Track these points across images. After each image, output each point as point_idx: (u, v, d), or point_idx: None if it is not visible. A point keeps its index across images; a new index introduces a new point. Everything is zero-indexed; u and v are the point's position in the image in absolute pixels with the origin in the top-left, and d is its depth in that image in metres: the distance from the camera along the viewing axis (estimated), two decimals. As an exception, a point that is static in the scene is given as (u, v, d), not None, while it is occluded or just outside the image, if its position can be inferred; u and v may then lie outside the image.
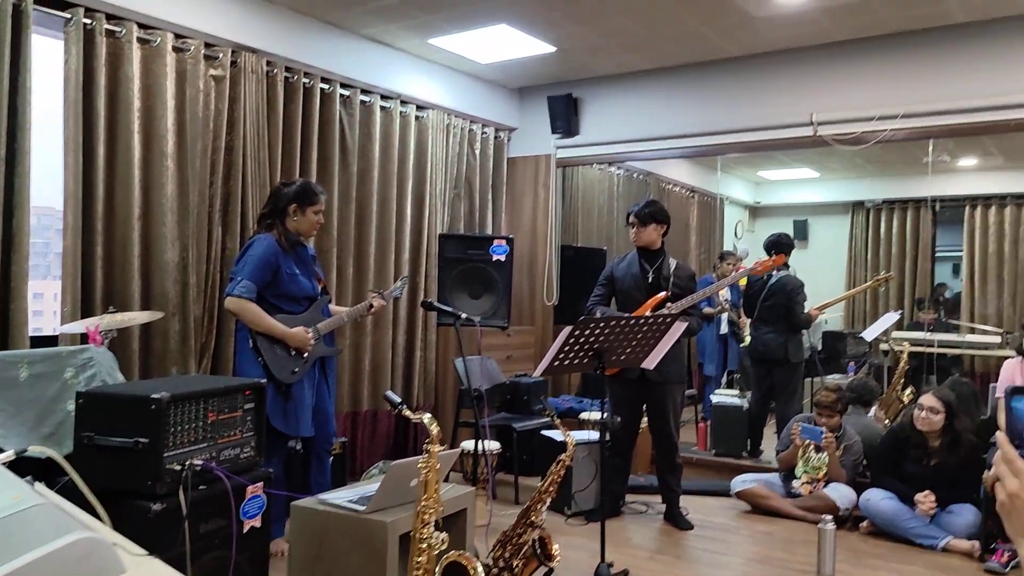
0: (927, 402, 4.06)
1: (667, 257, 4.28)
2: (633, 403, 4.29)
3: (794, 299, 5.23)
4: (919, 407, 4.08)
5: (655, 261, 4.25)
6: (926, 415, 4.04)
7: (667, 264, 4.25)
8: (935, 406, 4.03)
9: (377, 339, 5.25)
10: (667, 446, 4.28)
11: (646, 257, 4.26)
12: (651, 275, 4.22)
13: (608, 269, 4.41)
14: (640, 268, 4.25)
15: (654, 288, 4.18)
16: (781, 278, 5.35)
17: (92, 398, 2.38)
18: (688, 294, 4.14)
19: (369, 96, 5.19)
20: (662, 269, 4.23)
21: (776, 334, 5.28)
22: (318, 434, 3.78)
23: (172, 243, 4.09)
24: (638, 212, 4.24)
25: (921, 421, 4.05)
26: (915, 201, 6.57)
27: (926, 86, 4.76)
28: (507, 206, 6.43)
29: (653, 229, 4.22)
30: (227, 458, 2.55)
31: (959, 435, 4.02)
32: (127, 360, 3.88)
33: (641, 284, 4.22)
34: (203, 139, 4.26)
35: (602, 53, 5.40)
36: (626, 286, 4.25)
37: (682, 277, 4.23)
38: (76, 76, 3.73)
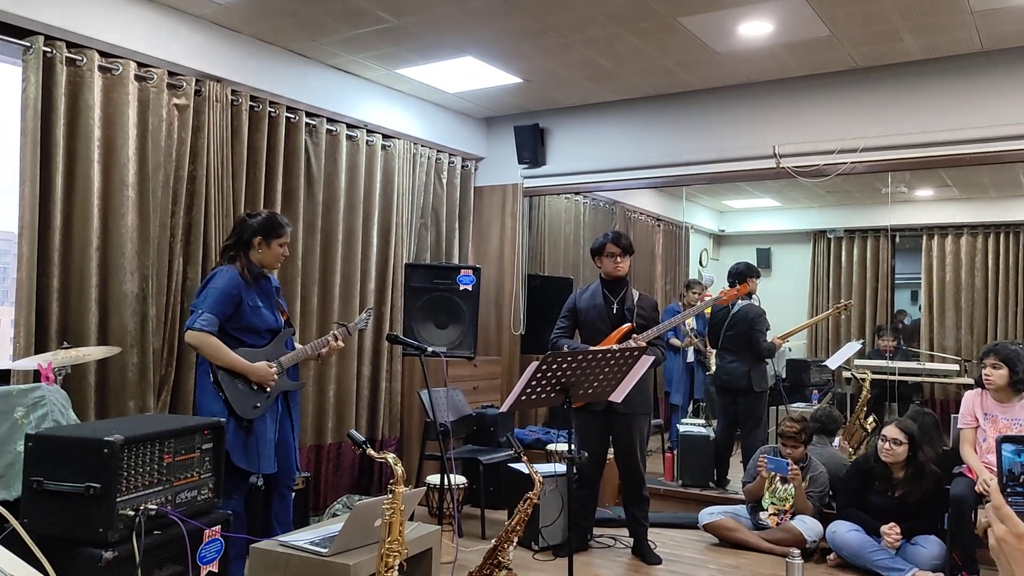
0: (890, 433, 4.10)
1: (630, 287, 4.28)
2: (599, 435, 4.26)
3: (756, 328, 5.31)
4: (882, 439, 4.12)
5: (619, 292, 4.24)
6: (889, 447, 4.07)
7: (631, 295, 4.25)
8: (898, 437, 4.07)
9: (342, 370, 5.18)
10: (634, 478, 4.25)
11: (610, 288, 4.25)
12: (615, 306, 4.22)
13: (571, 300, 4.38)
14: (604, 299, 4.24)
15: (618, 319, 4.18)
16: (743, 307, 5.43)
17: (42, 440, 2.30)
18: (652, 324, 4.14)
19: (335, 125, 5.16)
20: (626, 300, 4.22)
21: (739, 363, 5.35)
22: (281, 470, 3.69)
23: (131, 274, 4.00)
24: (621, 243, 4.19)
25: (885, 452, 4.08)
26: (875, 230, 6.68)
27: (884, 121, 4.87)
28: (474, 235, 6.42)
29: (629, 260, 4.23)
30: (184, 501, 2.47)
31: (923, 466, 4.06)
32: (82, 394, 3.78)
33: (605, 315, 4.21)
34: (165, 168, 4.19)
35: (568, 85, 5.45)
36: (590, 318, 4.24)
37: (646, 308, 4.24)
38: (34, 104, 3.65)
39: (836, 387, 6.64)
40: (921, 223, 6.49)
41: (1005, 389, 3.91)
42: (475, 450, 5.08)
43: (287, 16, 4.29)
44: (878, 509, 4.11)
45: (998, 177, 5.64)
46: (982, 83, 4.63)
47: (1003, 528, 1.20)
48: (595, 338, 4.18)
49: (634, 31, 4.40)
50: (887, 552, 4.00)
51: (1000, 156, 4.60)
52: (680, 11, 4.11)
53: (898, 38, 4.41)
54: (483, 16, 4.22)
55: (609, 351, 3.48)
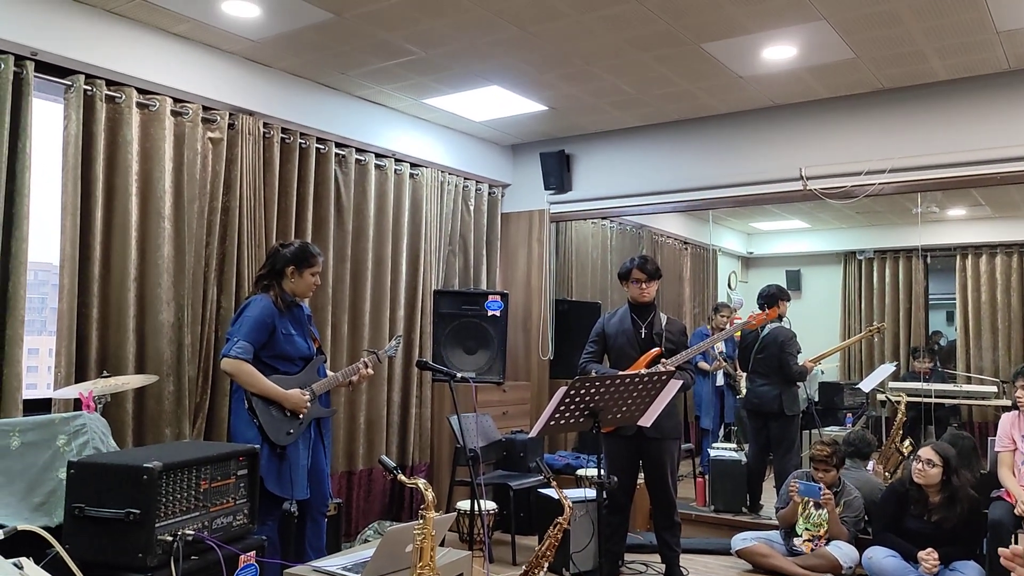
0: (925, 455, 4.04)
1: (658, 312, 4.26)
2: (629, 460, 4.23)
3: (787, 351, 5.26)
4: (916, 459, 4.06)
5: (647, 316, 4.23)
6: (923, 467, 4.02)
7: (659, 319, 4.23)
8: (932, 459, 4.01)
9: (372, 396, 5.23)
10: (665, 503, 4.21)
11: (638, 312, 4.24)
12: (644, 330, 4.21)
13: (599, 325, 4.37)
14: (632, 324, 4.22)
15: (647, 344, 4.17)
16: (773, 330, 5.38)
17: (83, 468, 2.36)
18: (681, 348, 4.12)
19: (364, 155, 5.26)
20: (654, 324, 4.21)
21: (771, 386, 5.30)
22: (314, 496, 3.73)
23: (167, 304, 4.10)
24: (647, 268, 4.17)
25: (917, 473, 4.03)
26: (906, 251, 6.61)
27: (912, 142, 4.85)
28: (501, 261, 6.47)
29: (655, 285, 4.21)
30: (220, 527, 2.51)
31: (956, 490, 3.99)
32: (121, 422, 3.86)
33: (634, 340, 4.19)
34: (200, 200, 4.30)
35: (593, 111, 5.50)
36: (619, 343, 4.23)
37: (674, 332, 4.22)
38: (75, 141, 3.78)
39: (871, 410, 6.55)
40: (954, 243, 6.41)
41: (1041, 410, 3.84)
42: (505, 475, 5.08)
43: (317, 50, 4.40)
44: (914, 534, 4.04)
45: (1032, 196, 5.57)
46: (1011, 102, 4.59)
47: None
48: (624, 363, 4.17)
49: (658, 58, 4.44)
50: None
51: (1031, 175, 4.56)
52: (703, 37, 4.15)
53: (924, 59, 4.41)
54: (507, 46, 4.30)
55: (637, 375, 3.48)
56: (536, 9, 3.83)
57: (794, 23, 3.94)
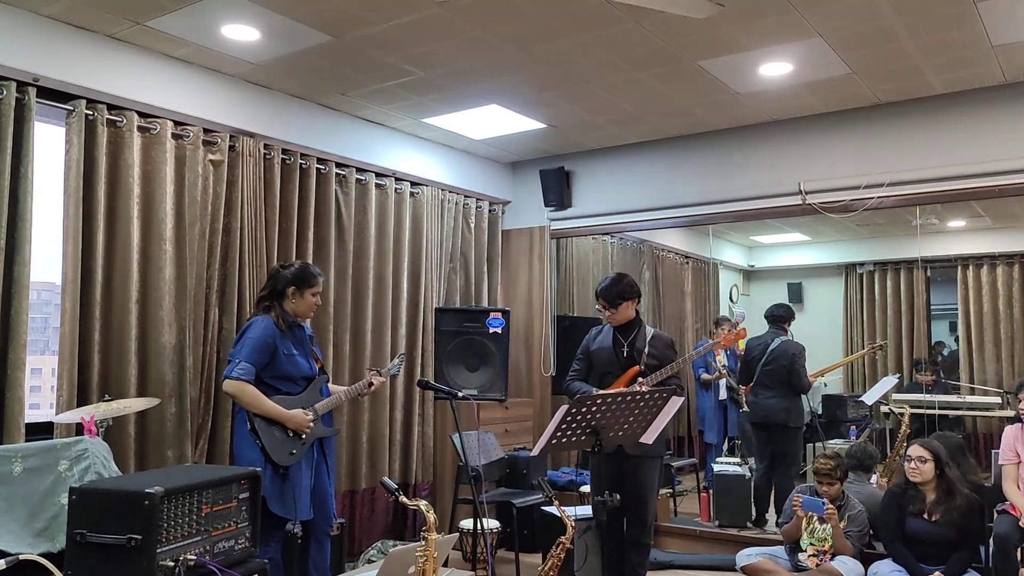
0: (915, 453, 4.07)
1: (643, 327, 4.17)
2: (612, 477, 4.08)
3: (797, 363, 5.32)
4: (907, 459, 4.08)
5: (630, 333, 4.15)
6: (915, 465, 4.04)
7: (643, 335, 4.14)
8: (923, 455, 4.04)
9: (375, 416, 5.23)
10: (638, 522, 4.06)
11: (620, 329, 4.16)
12: (625, 348, 4.14)
13: (585, 342, 4.29)
14: (615, 341, 4.15)
15: (629, 361, 4.09)
16: (783, 342, 5.43)
17: (85, 494, 2.36)
18: (666, 363, 4.08)
19: (364, 175, 5.29)
20: (636, 341, 4.13)
21: (777, 399, 5.33)
22: (317, 516, 3.73)
23: (169, 326, 4.11)
24: (606, 295, 4.07)
25: (912, 472, 4.04)
26: (907, 262, 6.61)
27: (910, 155, 4.87)
28: (502, 278, 6.48)
29: (626, 306, 4.10)
30: (221, 551, 2.51)
31: (952, 483, 4.01)
32: (123, 444, 3.87)
33: (615, 358, 4.12)
34: (201, 222, 4.32)
35: (592, 128, 5.53)
36: (602, 359, 4.15)
37: (658, 347, 4.12)
38: (77, 165, 3.81)
39: (874, 422, 6.53)
40: (954, 254, 6.41)
41: (1045, 423, 3.83)
42: (508, 493, 5.07)
43: (317, 72, 4.44)
44: (917, 537, 4.03)
45: (1031, 207, 5.57)
46: (1008, 114, 4.61)
47: None
48: (607, 380, 4.11)
49: (656, 75, 4.47)
50: (931, 593, 3.91)
51: (1029, 187, 4.57)
52: (700, 55, 4.18)
53: (920, 74, 4.43)
54: (506, 66, 4.33)
55: (639, 393, 3.48)
56: (535, 30, 3.86)
57: (790, 40, 3.97)
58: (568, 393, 4.18)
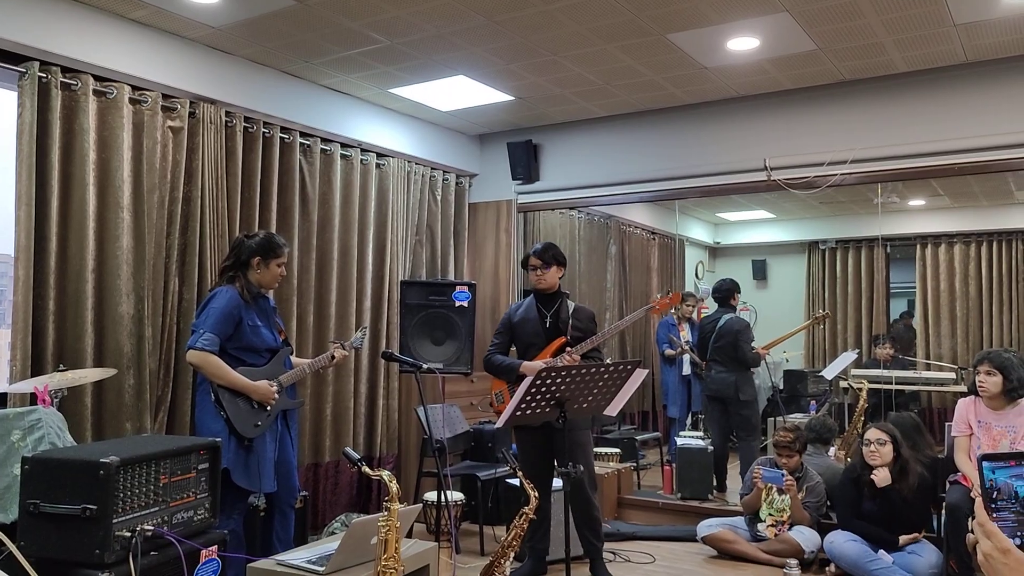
0: (874, 436, 4.17)
1: (565, 300, 4.18)
2: (542, 452, 4.08)
3: (741, 339, 5.55)
4: (866, 443, 4.17)
5: (552, 305, 4.15)
6: (874, 448, 4.13)
7: (565, 307, 4.14)
8: (882, 437, 4.15)
9: (339, 388, 5.19)
10: (580, 499, 4.00)
11: (543, 301, 4.17)
12: (548, 319, 4.13)
13: (506, 316, 4.29)
14: (538, 313, 4.15)
15: (553, 332, 4.10)
16: (729, 320, 5.65)
17: (38, 463, 2.31)
18: (589, 336, 4.07)
19: (329, 145, 5.20)
20: (560, 312, 4.13)
21: (727, 373, 5.59)
22: (281, 488, 3.70)
23: (127, 296, 4.02)
24: (540, 254, 4.11)
25: (871, 455, 4.13)
26: (868, 240, 6.71)
27: (873, 132, 4.92)
28: (469, 252, 6.45)
29: (555, 271, 4.12)
30: (180, 521, 2.48)
31: (907, 462, 4.14)
32: (79, 416, 3.79)
33: (539, 329, 4.12)
34: (160, 190, 4.22)
35: (560, 101, 5.50)
36: (525, 331, 4.14)
37: (582, 319, 4.13)
38: (30, 129, 3.69)
39: (833, 397, 6.66)
40: (914, 232, 6.53)
41: (999, 397, 3.93)
42: (473, 466, 5.08)
43: (280, 38, 4.34)
44: (871, 514, 4.15)
45: (989, 186, 5.68)
46: (968, 94, 4.68)
47: (989, 544, 1.26)
48: (531, 352, 4.10)
49: (623, 48, 4.45)
50: (884, 562, 4.01)
51: (988, 166, 4.65)
52: (668, 28, 4.16)
53: (883, 51, 4.47)
54: (473, 36, 4.27)
55: (603, 365, 3.49)
56: (501, -2, 3.81)
57: (757, 14, 3.97)
58: (490, 366, 4.18)
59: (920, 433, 4.64)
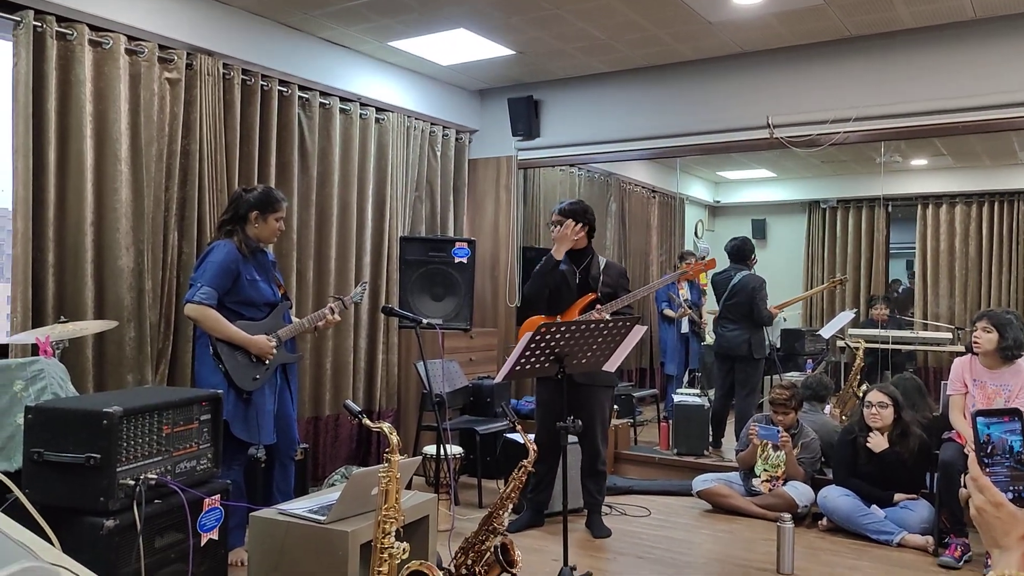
0: (875, 398, 4.18)
1: (596, 256, 4.19)
2: (558, 406, 4.06)
3: (758, 296, 5.49)
4: (867, 404, 4.20)
5: (582, 261, 4.17)
6: (875, 411, 4.16)
7: (596, 263, 4.16)
8: (883, 400, 4.16)
9: (338, 343, 5.22)
10: (591, 452, 4.17)
11: (572, 257, 4.17)
12: (578, 274, 4.14)
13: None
14: (569, 267, 4.16)
15: (583, 288, 4.12)
16: (744, 277, 5.58)
17: (42, 413, 2.33)
18: (620, 292, 4.09)
19: (328, 99, 5.15)
20: (590, 268, 4.15)
21: (740, 331, 5.53)
22: (281, 441, 3.74)
23: (126, 249, 4.02)
24: (560, 210, 4.15)
25: (872, 417, 4.16)
26: (869, 200, 6.69)
27: (877, 90, 4.86)
28: (469, 208, 6.43)
29: (577, 227, 4.09)
30: (183, 471, 2.51)
31: (907, 425, 4.16)
32: (81, 368, 3.81)
33: (569, 283, 4.13)
34: (158, 143, 4.19)
35: (562, 56, 5.42)
36: (555, 287, 4.16)
37: (612, 275, 4.15)
38: (25, 80, 3.64)
39: (830, 356, 6.70)
40: (915, 192, 6.50)
41: (993, 355, 3.95)
42: (472, 420, 5.13)
43: (278, -12, 4.26)
44: (869, 474, 4.20)
45: (992, 146, 5.64)
46: (975, 51, 4.62)
47: (981, 498, 1.28)
48: (560, 305, 4.12)
49: (627, 2, 4.38)
50: (877, 516, 4.08)
51: (993, 124, 4.61)
52: (673, -20, 4.09)
53: (890, 6, 4.40)
54: (475, -13, 4.20)
55: (602, 321, 3.51)
56: (503, -52, 3.73)
57: (764, -33, 3.90)
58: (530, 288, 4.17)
59: (922, 395, 4.67)
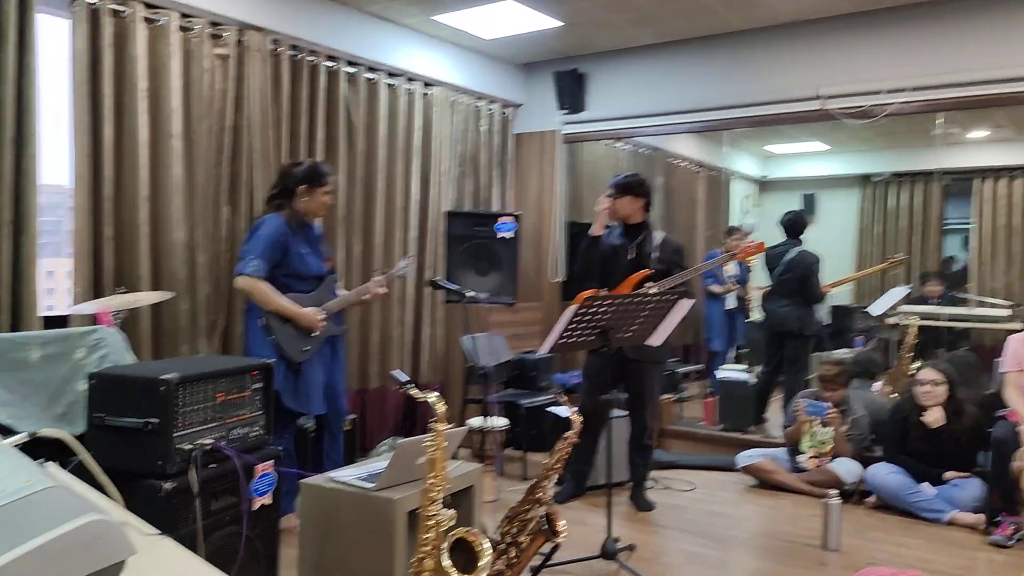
0: (928, 376, 4.10)
1: (651, 232, 4.17)
2: (607, 379, 4.06)
3: (813, 273, 5.42)
4: (919, 383, 4.11)
5: (637, 236, 4.15)
6: (929, 388, 4.07)
7: (651, 239, 4.14)
8: (936, 378, 4.08)
9: (385, 316, 5.29)
10: (640, 426, 4.20)
11: (628, 231, 4.16)
12: (633, 250, 4.13)
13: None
14: (624, 242, 4.15)
15: (636, 264, 4.10)
16: (800, 252, 5.52)
17: (103, 379, 2.42)
18: (674, 268, 4.06)
19: (375, 74, 5.18)
20: (645, 244, 4.12)
21: (791, 307, 5.46)
22: (330, 411, 3.82)
23: (180, 223, 4.11)
24: (614, 182, 4.12)
25: (925, 396, 4.07)
26: (924, 174, 6.51)
27: (934, 58, 4.71)
28: (513, 183, 6.42)
29: (629, 202, 4.09)
30: (236, 437, 2.58)
31: (961, 404, 4.08)
32: (138, 339, 3.93)
33: (622, 259, 4.12)
34: (209, 119, 4.26)
35: (609, 28, 5.36)
36: (608, 260, 4.15)
37: (667, 251, 4.12)
38: (83, 57, 3.73)
39: (881, 333, 6.57)
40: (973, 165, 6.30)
41: (1052, 332, 3.84)
42: (516, 394, 5.17)
43: (324, -37, 4.28)
44: (919, 452, 4.13)
45: (1056, 116, 5.44)
46: (1040, 16, 4.44)
47: None
48: (611, 280, 4.11)
49: (675, -30, 4.31)
50: (927, 494, 4.01)
51: (1057, 93, 4.44)
52: (722, -52, 4.01)
53: (951, -29, 4.25)
54: (520, -42, 4.17)
55: (648, 295, 3.50)
56: (549, -83, 3.69)
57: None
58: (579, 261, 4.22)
59: (976, 372, 4.56)
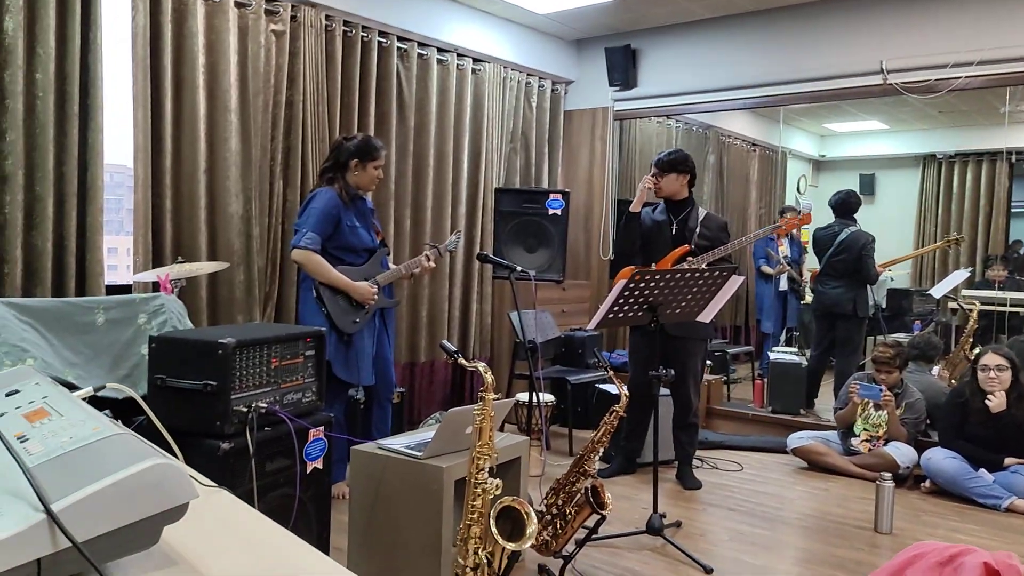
0: (992, 361, 3.98)
1: (695, 208, 4.14)
2: (651, 356, 4.03)
3: (867, 253, 5.28)
4: (983, 368, 4.00)
5: (681, 212, 4.12)
6: (994, 374, 3.95)
7: (694, 215, 4.11)
8: (1001, 363, 3.96)
9: (434, 291, 5.33)
10: (683, 404, 4.18)
11: (672, 208, 4.13)
12: (676, 226, 4.10)
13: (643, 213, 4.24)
14: (667, 218, 4.13)
15: (679, 239, 4.07)
16: (854, 233, 5.40)
17: (164, 343, 2.49)
18: (718, 245, 4.02)
19: (426, 49, 5.19)
20: (688, 221, 4.10)
21: (844, 288, 5.33)
22: (379, 382, 3.88)
23: (236, 196, 4.20)
24: (658, 160, 4.09)
25: (990, 382, 3.96)
26: (990, 154, 6.29)
27: (1004, 31, 4.53)
28: (563, 160, 6.39)
29: (674, 179, 4.06)
30: (290, 402, 2.64)
31: None
32: (195, 308, 4.04)
33: (665, 234, 4.10)
34: (264, 94, 4.33)
35: (661, 2, 5.28)
36: (652, 235, 4.13)
37: (711, 228, 4.09)
38: (144, 33, 3.82)
39: (940, 316, 6.39)
40: (1045, 145, 6.06)
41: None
42: (563, 371, 5.18)
43: (378, -63, 4.29)
44: (977, 437, 4.02)
45: None
46: (1120, -15, 4.24)
47: None
48: (654, 256, 4.10)
49: (732, -60, 4.21)
50: (985, 480, 3.91)
51: None
52: (782, -84, 3.91)
53: (1025, -62, 4.07)
54: (574, -70, 4.12)
55: (698, 271, 3.46)
56: None
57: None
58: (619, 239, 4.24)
59: None
